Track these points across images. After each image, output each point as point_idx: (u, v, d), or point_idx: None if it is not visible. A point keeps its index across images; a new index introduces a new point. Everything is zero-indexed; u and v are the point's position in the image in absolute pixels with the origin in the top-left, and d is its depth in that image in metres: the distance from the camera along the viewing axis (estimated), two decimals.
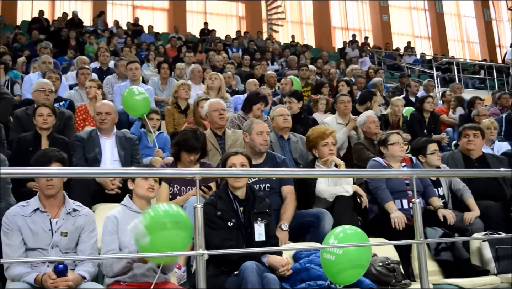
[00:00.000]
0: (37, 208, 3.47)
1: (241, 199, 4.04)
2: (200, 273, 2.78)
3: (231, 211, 3.96)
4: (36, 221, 3.43)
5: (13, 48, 12.10)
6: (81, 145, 5.17)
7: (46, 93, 5.95)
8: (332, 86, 10.50)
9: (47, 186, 3.47)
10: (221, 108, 5.70)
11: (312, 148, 5.17)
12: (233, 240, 3.82)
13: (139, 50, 13.62)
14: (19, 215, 3.42)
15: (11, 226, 3.38)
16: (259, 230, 3.97)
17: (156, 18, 20.34)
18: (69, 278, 3.19)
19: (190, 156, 4.61)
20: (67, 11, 17.29)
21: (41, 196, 3.52)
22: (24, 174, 3.64)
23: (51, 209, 3.50)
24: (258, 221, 3.98)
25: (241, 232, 3.93)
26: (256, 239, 3.92)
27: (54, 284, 3.14)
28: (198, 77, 8.72)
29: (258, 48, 16.44)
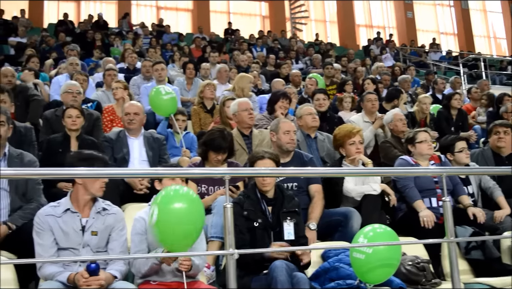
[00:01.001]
0: (67, 208, 3.49)
1: (269, 198, 4.05)
2: (231, 272, 2.79)
3: (258, 211, 3.97)
4: (67, 221, 3.45)
5: (41, 51, 12.26)
6: (109, 146, 5.23)
7: (74, 95, 6.01)
8: (358, 84, 10.44)
9: (101, 188, 3.53)
10: (250, 108, 5.72)
11: (339, 146, 5.16)
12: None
13: (164, 50, 13.70)
14: (50, 215, 3.45)
15: (43, 226, 3.42)
16: (288, 229, 3.98)
17: (180, 19, 20.44)
18: (101, 277, 3.21)
19: (218, 155, 4.63)
20: (92, 13, 17.48)
21: (73, 196, 3.54)
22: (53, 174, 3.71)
23: (81, 209, 3.52)
24: (287, 220, 3.99)
25: (267, 232, 3.93)
26: (286, 238, 3.92)
27: (86, 283, 3.17)
28: (224, 77, 8.76)
29: (282, 47, 16.43)
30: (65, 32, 14.28)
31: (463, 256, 4.65)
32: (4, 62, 10.81)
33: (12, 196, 4.03)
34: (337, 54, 16.12)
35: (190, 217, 3.03)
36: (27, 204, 4.06)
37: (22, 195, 4.08)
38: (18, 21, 15.02)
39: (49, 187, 4.55)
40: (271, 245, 3.85)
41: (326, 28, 22.78)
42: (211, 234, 4.17)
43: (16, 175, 3.58)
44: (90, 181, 3.48)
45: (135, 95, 7.81)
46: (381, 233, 3.54)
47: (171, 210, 2.97)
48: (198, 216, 3.07)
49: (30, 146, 4.96)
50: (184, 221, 2.98)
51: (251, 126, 5.76)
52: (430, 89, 11.38)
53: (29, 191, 4.12)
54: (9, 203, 4.02)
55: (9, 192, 4.04)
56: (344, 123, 6.72)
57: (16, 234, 3.85)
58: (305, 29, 21.35)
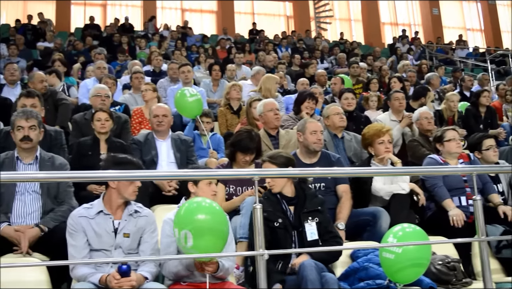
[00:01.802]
0: (100, 210, 3.53)
1: (289, 198, 4.02)
2: (261, 272, 2.81)
3: (278, 212, 3.94)
4: (99, 223, 3.49)
5: (68, 55, 12.42)
6: (138, 148, 5.28)
7: (103, 98, 6.08)
8: (384, 83, 10.38)
9: (134, 192, 3.56)
10: (276, 108, 5.73)
11: (368, 145, 5.13)
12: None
13: (189, 52, 13.78)
14: (83, 216, 3.49)
15: (76, 227, 3.46)
16: (310, 229, 3.95)
17: (204, 20, 20.53)
18: (132, 278, 3.23)
19: (246, 156, 4.65)
20: (118, 16, 17.66)
21: (106, 199, 3.58)
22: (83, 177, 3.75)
23: (114, 211, 3.55)
24: (308, 220, 3.95)
25: (288, 231, 3.91)
26: (309, 239, 3.90)
27: (118, 284, 3.19)
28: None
29: (307, 47, 16.40)
30: (92, 36, 14.45)
31: (493, 255, 4.60)
32: (33, 67, 11.01)
33: (44, 198, 4.10)
34: (362, 52, 16.04)
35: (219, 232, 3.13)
36: (58, 207, 4.12)
37: (53, 198, 4.15)
38: (45, 26, 15.23)
39: (79, 189, 4.60)
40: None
41: (351, 27, 22.65)
42: (240, 235, 4.19)
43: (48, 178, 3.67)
44: (123, 185, 3.50)
45: (162, 97, 7.88)
46: (410, 233, 3.53)
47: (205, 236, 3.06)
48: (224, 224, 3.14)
49: (60, 149, 5.04)
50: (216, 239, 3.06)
51: (277, 126, 5.76)
52: (458, 87, 11.25)
53: (60, 193, 4.18)
54: (41, 205, 4.09)
55: (41, 195, 4.10)
56: (371, 122, 6.70)
57: (48, 236, 3.92)
58: (330, 28, 21.24)
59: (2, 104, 6.67)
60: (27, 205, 4.07)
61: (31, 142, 4.16)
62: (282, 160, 4.10)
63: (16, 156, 4.21)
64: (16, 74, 7.68)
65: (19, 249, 3.81)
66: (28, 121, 4.17)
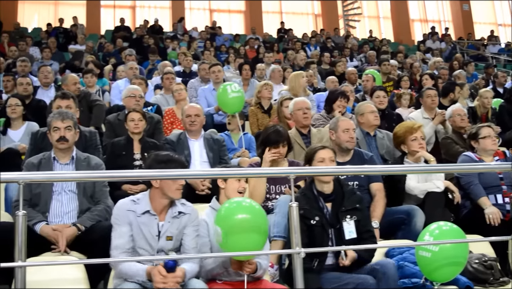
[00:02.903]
0: (147, 210, 3.46)
1: (327, 195, 3.99)
2: (298, 271, 2.81)
3: (315, 209, 3.92)
4: (145, 223, 3.43)
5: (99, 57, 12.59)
6: (171, 148, 5.31)
7: (137, 99, 6.14)
8: (415, 80, 10.29)
9: (177, 189, 3.48)
10: (305, 107, 5.70)
11: (401, 144, 5.08)
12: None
13: (218, 52, 13.84)
14: (131, 211, 3.44)
15: (123, 219, 3.41)
16: (348, 228, 3.90)
17: (232, 20, 20.59)
18: (178, 274, 3.18)
19: (277, 148, 4.63)
20: (147, 18, 17.82)
21: (152, 199, 3.50)
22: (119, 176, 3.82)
23: (159, 212, 3.49)
24: (347, 219, 3.90)
25: (325, 229, 3.88)
26: (347, 238, 3.85)
27: (163, 280, 3.14)
28: (278, 77, 8.76)
29: (336, 45, 16.33)
30: (122, 37, 14.62)
31: None
32: (65, 70, 11.18)
33: (80, 198, 4.15)
34: (391, 50, 15.91)
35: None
36: (94, 206, 4.17)
37: (89, 197, 4.20)
38: (77, 29, 15.45)
39: (114, 189, 4.64)
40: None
41: (379, 24, 22.49)
42: (274, 233, 4.18)
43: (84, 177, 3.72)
44: (166, 183, 3.43)
45: (193, 97, 7.94)
46: (447, 231, 3.50)
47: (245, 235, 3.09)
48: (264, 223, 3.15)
49: (95, 150, 5.09)
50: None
51: (307, 125, 5.73)
52: (490, 83, 11.09)
53: (96, 193, 4.23)
54: (78, 205, 4.14)
55: (78, 194, 4.16)
56: (403, 120, 6.66)
57: (85, 235, 3.96)
58: (358, 26, 21.14)
59: (37, 106, 6.80)
60: (64, 204, 4.13)
61: (67, 142, 4.22)
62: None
63: (53, 156, 4.27)
64: (50, 76, 7.82)
65: (57, 248, 3.87)
66: (64, 122, 4.23)
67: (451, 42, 18.26)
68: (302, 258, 2.83)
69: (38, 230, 3.91)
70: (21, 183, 2.70)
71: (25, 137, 5.74)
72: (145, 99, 7.15)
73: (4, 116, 6.09)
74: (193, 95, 8.05)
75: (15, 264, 2.59)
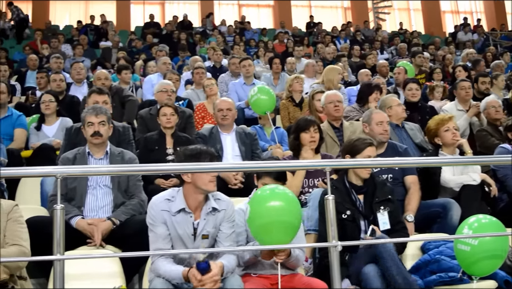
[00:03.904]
0: (182, 208, 3.40)
1: (359, 187, 3.98)
2: (334, 264, 2.79)
3: (347, 202, 3.91)
4: (180, 222, 3.38)
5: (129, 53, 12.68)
6: (203, 142, 5.29)
7: (169, 94, 6.16)
8: (447, 72, 10.14)
9: (211, 182, 3.38)
10: (337, 100, 5.67)
11: (434, 137, 5.00)
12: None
13: (247, 47, 13.83)
14: (165, 210, 3.38)
15: (158, 218, 3.37)
16: (382, 219, 3.91)
17: (261, 15, 20.56)
18: (214, 272, 3.12)
19: (311, 133, 4.65)
20: (176, 13, 17.90)
21: (186, 195, 3.44)
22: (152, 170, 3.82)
23: (194, 209, 3.43)
24: (380, 210, 3.92)
25: (356, 223, 3.87)
26: (381, 229, 3.85)
27: (201, 284, 3.09)
28: (312, 71, 8.70)
29: (366, 38, 16.19)
30: (152, 34, 14.70)
31: None
32: (96, 66, 11.31)
33: (114, 192, 4.19)
34: (422, 42, 15.71)
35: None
36: (129, 200, 4.20)
37: (124, 192, 4.23)
38: (107, 26, 15.60)
39: (147, 183, 4.66)
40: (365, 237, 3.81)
41: (410, 17, 22.21)
42: (307, 227, 4.18)
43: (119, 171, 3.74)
44: (198, 176, 3.34)
45: (223, 92, 7.95)
46: (486, 224, 3.44)
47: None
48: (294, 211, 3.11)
49: (129, 145, 5.10)
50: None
51: (339, 118, 5.70)
52: None
53: (130, 187, 4.26)
54: (112, 199, 4.18)
55: (112, 189, 4.19)
56: (436, 112, 6.58)
57: (120, 229, 4.00)
58: (388, 18, 20.90)
59: (70, 102, 6.88)
60: (98, 199, 4.17)
61: (102, 137, 4.26)
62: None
63: (87, 151, 4.32)
64: (82, 73, 7.91)
65: (92, 242, 3.91)
66: (98, 117, 4.27)
67: (483, 34, 17.93)
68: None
69: (74, 224, 3.96)
70: (58, 177, 2.72)
71: (59, 133, 5.82)
72: (177, 94, 7.19)
73: (39, 112, 6.18)
74: (224, 90, 8.07)
75: (54, 257, 2.61)
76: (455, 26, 19.68)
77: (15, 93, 8.25)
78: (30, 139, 5.91)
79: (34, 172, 3.44)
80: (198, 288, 3.11)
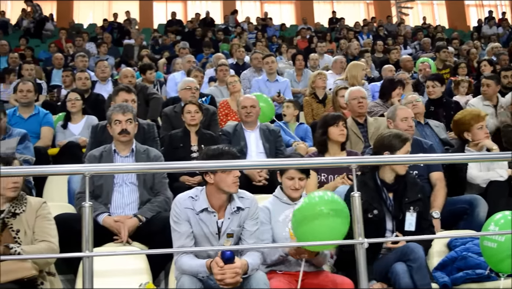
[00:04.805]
0: (205, 208, 3.41)
1: (390, 184, 3.93)
2: (361, 261, 2.78)
3: (376, 202, 3.86)
4: (204, 221, 3.41)
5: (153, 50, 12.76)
6: (227, 139, 5.34)
7: (192, 91, 6.20)
8: (472, 67, 10.02)
9: (234, 183, 3.39)
10: (361, 96, 5.65)
11: (464, 131, 4.93)
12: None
13: (270, 44, 13.81)
14: (189, 208, 3.41)
15: (182, 216, 3.39)
16: (410, 220, 3.87)
17: (283, 11, 20.53)
18: (236, 265, 3.14)
19: (339, 127, 4.65)
20: (198, 11, 17.95)
21: (209, 196, 3.45)
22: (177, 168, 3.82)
23: (218, 208, 3.45)
24: (410, 210, 3.88)
25: (382, 223, 3.84)
26: (406, 229, 3.84)
27: (221, 272, 3.11)
28: (339, 68, 8.65)
29: (389, 32, 16.07)
30: (175, 31, 14.76)
31: None
32: (120, 64, 11.39)
33: (140, 190, 4.22)
34: (446, 36, 15.54)
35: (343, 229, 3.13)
36: (154, 197, 4.23)
37: (149, 189, 4.26)
38: (130, 24, 15.70)
39: (172, 180, 4.69)
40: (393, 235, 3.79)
41: (433, 11, 21.98)
42: None
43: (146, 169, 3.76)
44: (220, 178, 3.36)
45: (246, 88, 7.95)
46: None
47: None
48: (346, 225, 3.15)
49: (153, 142, 5.14)
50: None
51: (363, 114, 5.68)
52: None
53: (156, 184, 4.29)
54: (138, 196, 4.21)
55: (138, 186, 4.23)
56: (461, 108, 6.50)
57: (146, 226, 4.03)
58: (411, 12, 20.69)
59: (95, 100, 6.95)
60: (125, 196, 4.21)
61: (129, 135, 4.30)
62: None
63: (113, 148, 4.36)
64: (107, 71, 7.98)
65: (119, 239, 3.96)
66: (125, 115, 4.31)
67: (508, 27, 17.67)
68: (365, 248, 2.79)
69: (101, 221, 4.01)
70: (87, 175, 2.75)
71: (85, 131, 5.88)
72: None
73: (65, 110, 6.25)
74: (247, 86, 8.07)
75: (83, 254, 2.64)
76: (478, 20, 19.44)
77: (41, 91, 8.35)
78: (57, 137, 5.99)
79: (62, 169, 3.48)
80: (218, 277, 3.11)
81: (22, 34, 14.10)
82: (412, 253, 3.56)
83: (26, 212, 3.48)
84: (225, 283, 3.12)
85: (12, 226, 3.42)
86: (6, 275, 3.15)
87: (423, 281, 3.50)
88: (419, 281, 3.49)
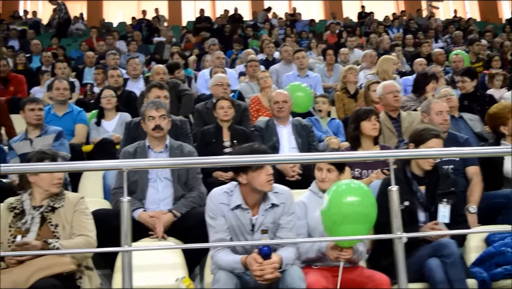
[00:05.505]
0: (239, 204, 3.43)
1: (421, 178, 3.91)
2: (400, 256, 2.76)
3: (406, 193, 3.82)
4: (238, 217, 3.42)
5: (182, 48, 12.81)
6: (259, 135, 5.34)
7: (224, 87, 6.21)
8: (506, 60, 9.85)
9: (267, 182, 3.38)
10: (396, 90, 5.60)
11: (500, 125, 4.84)
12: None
13: (299, 39, 13.77)
14: (224, 204, 3.43)
15: (217, 212, 3.42)
16: (443, 211, 3.83)
17: (312, 6, 20.43)
18: (274, 260, 3.16)
19: (371, 122, 4.62)
20: (226, 7, 17.97)
21: (243, 194, 3.46)
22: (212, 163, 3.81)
23: (252, 205, 3.46)
24: (443, 202, 3.84)
25: (414, 215, 3.81)
26: (440, 221, 3.79)
27: (260, 268, 3.12)
28: (370, 62, 8.59)
29: (419, 26, 15.89)
30: (204, 28, 14.81)
31: None
32: (150, 61, 11.47)
33: (175, 185, 4.24)
34: (478, 29, 15.30)
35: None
36: (189, 193, 4.24)
37: (183, 184, 4.27)
38: (159, 22, 15.79)
39: (206, 176, 4.70)
40: (424, 228, 3.75)
41: (464, 3, 21.67)
42: None
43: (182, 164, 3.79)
44: (253, 177, 3.35)
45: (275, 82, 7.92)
46: None
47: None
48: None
49: (186, 138, 5.15)
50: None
51: (397, 108, 5.63)
52: None
53: (190, 180, 4.30)
54: (173, 192, 4.23)
55: (172, 182, 4.25)
56: (496, 101, 6.39)
57: (181, 221, 4.05)
58: (442, 6, 20.41)
59: (128, 97, 7.02)
60: (159, 191, 4.23)
61: (163, 131, 4.33)
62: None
63: (147, 144, 4.39)
64: (138, 68, 8.05)
65: (154, 234, 3.99)
66: (159, 111, 4.33)
67: None
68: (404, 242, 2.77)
69: (136, 217, 4.03)
70: (125, 170, 2.78)
71: (118, 128, 5.94)
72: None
73: (98, 108, 6.31)
74: (275, 80, 8.02)
75: (122, 249, 2.67)
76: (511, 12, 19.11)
77: (74, 89, 8.45)
78: (91, 134, 6.06)
79: (101, 165, 3.54)
80: (257, 273, 3.12)
81: (53, 34, 14.29)
82: (446, 248, 3.52)
83: (64, 207, 3.54)
84: (264, 278, 3.13)
85: (51, 220, 3.49)
86: (46, 270, 3.20)
87: (458, 276, 3.45)
88: (454, 276, 3.44)
